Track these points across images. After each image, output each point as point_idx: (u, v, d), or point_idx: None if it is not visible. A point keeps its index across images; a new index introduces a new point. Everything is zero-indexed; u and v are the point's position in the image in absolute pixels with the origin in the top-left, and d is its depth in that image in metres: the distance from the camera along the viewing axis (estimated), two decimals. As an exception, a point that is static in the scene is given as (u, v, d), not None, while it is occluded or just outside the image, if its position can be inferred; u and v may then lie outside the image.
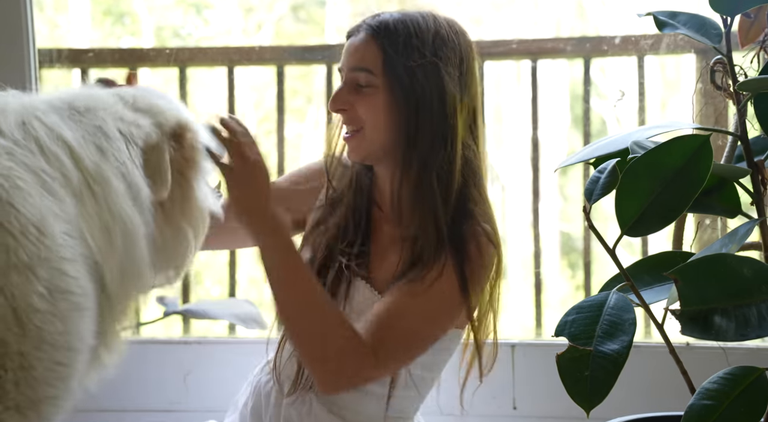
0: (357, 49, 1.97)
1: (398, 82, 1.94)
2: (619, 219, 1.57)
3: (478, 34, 3.87)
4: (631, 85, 2.82)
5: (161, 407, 2.15)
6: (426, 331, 1.94)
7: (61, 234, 1.46)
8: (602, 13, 4.08)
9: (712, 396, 1.50)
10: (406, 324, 1.91)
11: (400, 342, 1.91)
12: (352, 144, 2.00)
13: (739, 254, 1.64)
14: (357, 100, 1.96)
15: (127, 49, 3.65)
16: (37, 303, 1.41)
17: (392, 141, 1.97)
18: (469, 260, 1.92)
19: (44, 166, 1.49)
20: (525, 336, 3.00)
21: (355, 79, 1.97)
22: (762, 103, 1.68)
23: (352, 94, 1.97)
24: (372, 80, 1.95)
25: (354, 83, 1.97)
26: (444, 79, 1.95)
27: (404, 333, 1.91)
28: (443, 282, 1.91)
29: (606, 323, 1.54)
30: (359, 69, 1.96)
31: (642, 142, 1.67)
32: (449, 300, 1.92)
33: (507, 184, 4.31)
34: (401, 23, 1.96)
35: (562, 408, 2.07)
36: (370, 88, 1.95)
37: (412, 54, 1.94)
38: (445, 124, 1.93)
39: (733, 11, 1.68)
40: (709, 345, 2.17)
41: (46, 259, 1.43)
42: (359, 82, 1.96)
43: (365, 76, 1.95)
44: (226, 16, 4.61)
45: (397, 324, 1.90)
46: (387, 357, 1.90)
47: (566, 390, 1.51)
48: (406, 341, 1.92)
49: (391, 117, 1.95)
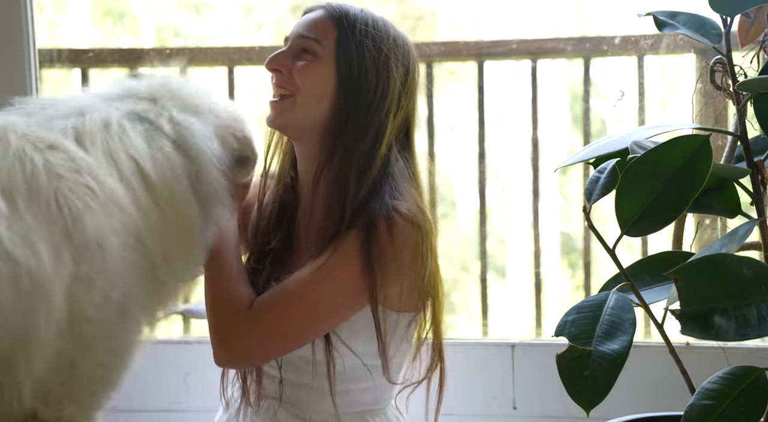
0: (310, 21, 1.97)
1: (347, 59, 1.93)
2: (619, 220, 1.57)
3: (478, 34, 3.87)
4: (631, 85, 2.82)
5: (161, 407, 2.15)
6: (321, 312, 1.90)
7: (119, 249, 1.59)
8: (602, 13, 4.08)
9: (712, 396, 1.50)
10: (298, 302, 1.88)
11: (288, 319, 1.88)
12: (278, 107, 1.96)
13: (739, 254, 1.64)
14: (296, 65, 1.94)
15: (127, 49, 3.64)
16: (92, 312, 1.54)
17: (322, 117, 1.94)
18: (377, 241, 1.87)
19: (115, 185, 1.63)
20: (525, 336, 3.00)
21: (300, 44, 1.95)
22: (762, 103, 1.68)
23: (292, 58, 1.95)
24: (318, 49, 1.93)
25: (298, 49, 1.95)
26: (392, 75, 1.95)
27: (295, 311, 1.88)
28: (343, 264, 1.87)
29: (606, 323, 1.54)
30: (307, 36, 1.95)
31: (642, 142, 1.67)
32: (348, 282, 1.88)
33: (507, 184, 4.31)
34: (362, 14, 1.97)
35: (562, 408, 2.07)
36: (313, 57, 1.94)
37: (366, 40, 1.94)
38: (377, 118, 1.93)
39: (733, 11, 1.68)
40: (709, 345, 2.17)
41: (102, 272, 1.56)
42: (304, 47, 1.94)
43: (311, 44, 1.94)
44: (226, 16, 4.61)
45: (290, 301, 1.88)
46: (268, 330, 1.88)
47: (566, 390, 1.51)
48: (295, 319, 1.88)
49: (328, 91, 1.94)
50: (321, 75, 1.93)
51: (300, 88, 1.93)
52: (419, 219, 1.91)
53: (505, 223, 4.26)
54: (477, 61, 2.94)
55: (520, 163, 3.60)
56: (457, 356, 2.52)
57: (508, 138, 4.00)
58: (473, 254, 4.09)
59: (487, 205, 3.03)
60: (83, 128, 1.67)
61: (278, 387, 1.99)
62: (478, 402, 2.41)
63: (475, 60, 2.95)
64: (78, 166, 1.60)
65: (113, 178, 1.64)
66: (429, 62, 2.90)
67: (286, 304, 1.88)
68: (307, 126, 1.95)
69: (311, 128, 1.95)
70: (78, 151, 1.63)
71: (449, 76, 3.94)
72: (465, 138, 3.35)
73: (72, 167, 1.59)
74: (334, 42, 1.93)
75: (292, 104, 1.94)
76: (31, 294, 1.47)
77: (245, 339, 1.89)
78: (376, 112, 1.94)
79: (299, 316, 1.89)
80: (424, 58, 2.91)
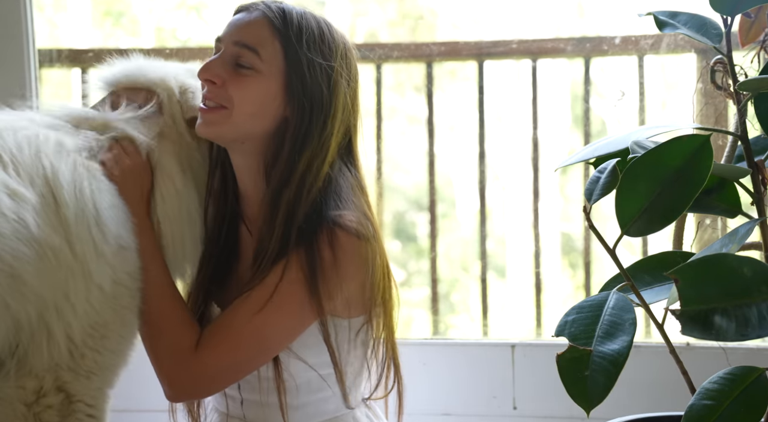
0: (248, 26, 1.86)
1: (298, 79, 1.83)
2: (619, 220, 1.57)
3: (478, 34, 3.87)
4: (631, 85, 2.82)
5: (161, 407, 2.14)
6: (271, 341, 1.86)
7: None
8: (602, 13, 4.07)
9: (712, 396, 1.50)
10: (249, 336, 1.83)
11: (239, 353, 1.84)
12: (210, 118, 1.85)
13: (740, 254, 1.63)
14: (232, 78, 1.84)
15: (127, 50, 3.63)
16: (127, 281, 1.77)
17: (260, 131, 1.86)
18: (320, 257, 1.81)
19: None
20: (525, 336, 3.00)
21: (236, 54, 1.84)
22: (762, 103, 1.68)
23: (226, 69, 1.84)
24: (256, 63, 1.83)
25: (234, 59, 1.85)
26: (340, 90, 1.87)
27: (246, 345, 1.83)
28: (289, 288, 1.82)
29: (606, 323, 1.54)
30: (245, 46, 1.84)
31: (642, 142, 1.67)
32: (295, 304, 1.83)
33: (507, 184, 4.30)
34: (305, 21, 1.86)
35: (562, 408, 2.07)
36: (251, 71, 1.83)
37: (317, 57, 1.85)
38: (323, 134, 1.85)
39: (733, 11, 1.68)
40: (709, 345, 2.17)
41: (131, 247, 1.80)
42: (240, 59, 1.84)
43: (250, 56, 1.83)
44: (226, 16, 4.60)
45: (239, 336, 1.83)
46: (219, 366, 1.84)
47: (566, 390, 1.51)
48: (246, 352, 1.84)
49: (269, 108, 1.84)
50: (261, 92, 1.84)
51: (235, 104, 1.83)
52: (362, 228, 1.85)
53: (505, 223, 4.25)
54: (477, 61, 2.94)
55: (520, 163, 3.60)
56: (457, 356, 2.53)
57: (508, 138, 4.00)
58: (473, 254, 4.09)
59: (487, 204, 3.03)
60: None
61: (240, 407, 1.97)
62: (478, 402, 2.40)
63: (475, 60, 2.95)
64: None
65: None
66: (429, 62, 2.91)
67: (236, 339, 1.83)
68: (241, 139, 1.87)
69: (247, 141, 1.88)
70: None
71: (449, 76, 3.93)
72: (465, 138, 3.35)
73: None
74: (278, 57, 1.84)
75: (226, 117, 1.84)
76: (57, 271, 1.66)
77: (196, 378, 1.85)
78: (323, 128, 1.86)
79: (250, 349, 1.85)
80: (424, 58, 2.92)
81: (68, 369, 1.72)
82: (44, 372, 1.70)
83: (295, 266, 1.82)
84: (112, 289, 1.74)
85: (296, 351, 1.90)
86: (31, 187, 1.69)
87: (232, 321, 1.84)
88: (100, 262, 1.72)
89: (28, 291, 1.64)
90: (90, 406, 1.75)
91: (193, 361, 1.84)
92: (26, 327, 1.66)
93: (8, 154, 1.70)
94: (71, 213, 1.70)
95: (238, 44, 1.85)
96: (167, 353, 1.85)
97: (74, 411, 1.73)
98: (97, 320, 1.72)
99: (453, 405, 2.52)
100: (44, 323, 1.68)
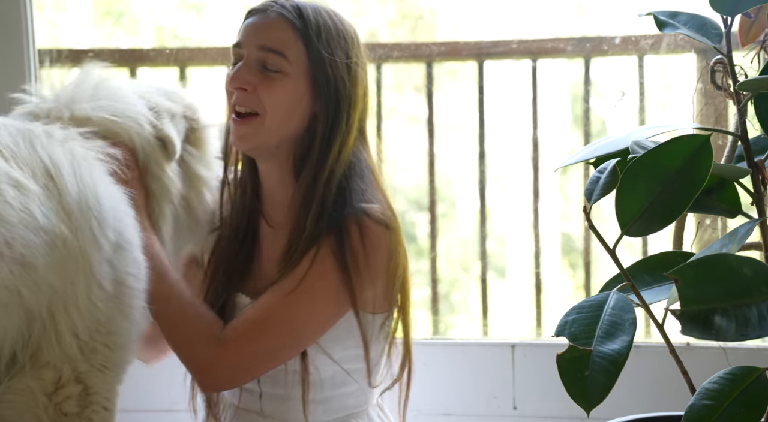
0: (270, 29, 1.86)
1: (324, 77, 1.86)
2: (619, 220, 1.57)
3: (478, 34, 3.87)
4: (631, 85, 2.82)
5: (161, 407, 2.15)
6: (305, 330, 1.87)
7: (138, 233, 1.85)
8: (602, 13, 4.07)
9: (712, 396, 1.50)
10: (282, 324, 1.85)
11: (272, 341, 1.86)
12: (245, 129, 1.87)
13: (740, 254, 1.63)
14: (262, 82, 1.85)
15: (127, 49, 3.63)
16: (132, 281, 1.77)
17: (291, 134, 1.88)
18: (350, 248, 1.84)
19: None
20: (525, 336, 3.00)
21: (262, 59, 1.86)
22: (762, 103, 1.68)
23: (255, 74, 1.86)
24: (284, 66, 1.85)
25: (260, 63, 1.86)
26: (359, 80, 1.90)
27: (279, 333, 1.85)
28: (322, 277, 1.84)
29: (606, 323, 1.54)
30: (270, 50, 1.85)
31: (642, 142, 1.67)
32: (328, 294, 1.85)
33: (507, 184, 4.30)
34: (321, 17, 1.88)
35: (562, 408, 2.07)
36: (279, 74, 1.85)
37: (337, 50, 1.87)
38: (347, 124, 1.88)
39: (733, 11, 1.68)
40: (709, 345, 2.17)
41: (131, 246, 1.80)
42: (267, 64, 1.85)
43: (277, 60, 1.85)
44: (226, 16, 4.61)
45: (273, 324, 1.85)
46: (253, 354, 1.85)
47: (566, 390, 1.51)
48: (279, 340, 1.86)
49: (298, 109, 1.87)
50: (290, 93, 1.86)
51: (267, 109, 1.85)
52: (390, 220, 1.89)
53: (505, 223, 4.25)
54: (477, 61, 2.94)
55: (520, 163, 3.60)
56: (457, 356, 2.53)
57: (508, 138, 4.00)
58: (473, 254, 4.09)
59: (487, 204, 3.03)
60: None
61: (258, 401, 1.97)
62: (478, 402, 2.40)
63: (475, 60, 2.95)
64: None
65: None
66: (429, 62, 2.90)
67: (269, 327, 1.85)
68: (276, 145, 1.89)
69: (280, 145, 1.90)
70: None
71: (449, 76, 3.93)
72: (465, 138, 3.35)
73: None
74: (302, 57, 1.85)
75: (260, 125, 1.86)
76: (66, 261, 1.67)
77: (229, 367, 1.87)
78: (348, 118, 1.89)
79: (283, 337, 1.86)
80: (424, 58, 2.92)
81: (84, 361, 1.73)
82: (61, 364, 1.71)
83: (327, 257, 1.85)
84: (114, 289, 1.75)
85: (323, 345, 1.91)
86: (33, 179, 1.69)
87: (268, 309, 1.85)
88: (100, 257, 1.72)
89: (40, 280, 1.65)
90: (106, 399, 1.77)
91: (229, 349, 1.84)
92: (38, 318, 1.67)
93: (7, 150, 1.71)
94: (74, 201, 1.71)
95: (263, 49, 1.86)
96: (200, 345, 1.86)
97: (91, 403, 1.75)
98: (100, 318, 1.74)
99: (453, 405, 2.52)
100: (52, 315, 1.69)
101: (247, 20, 1.91)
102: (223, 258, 1.98)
